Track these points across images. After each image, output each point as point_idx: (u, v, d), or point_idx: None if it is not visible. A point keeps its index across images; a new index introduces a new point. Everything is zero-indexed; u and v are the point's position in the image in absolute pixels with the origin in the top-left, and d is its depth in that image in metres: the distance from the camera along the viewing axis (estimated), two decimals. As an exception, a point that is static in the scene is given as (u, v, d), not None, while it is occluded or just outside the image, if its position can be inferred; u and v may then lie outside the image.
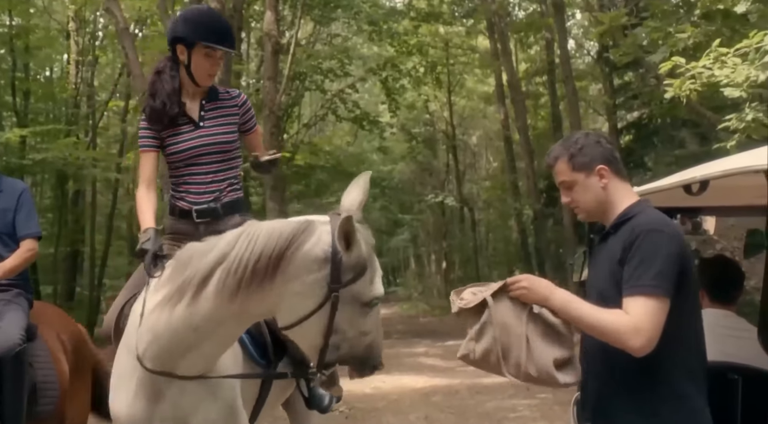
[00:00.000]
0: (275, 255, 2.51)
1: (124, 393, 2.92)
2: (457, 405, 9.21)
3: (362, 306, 2.63)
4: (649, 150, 19.38)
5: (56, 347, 4.12)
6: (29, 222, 4.14)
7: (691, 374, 2.59)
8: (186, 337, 2.68)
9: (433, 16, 22.04)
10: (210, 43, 3.38)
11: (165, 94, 3.42)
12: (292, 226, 2.59)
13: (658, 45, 9.35)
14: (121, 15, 14.31)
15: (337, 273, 2.53)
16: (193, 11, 3.92)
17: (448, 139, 30.85)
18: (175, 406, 2.85)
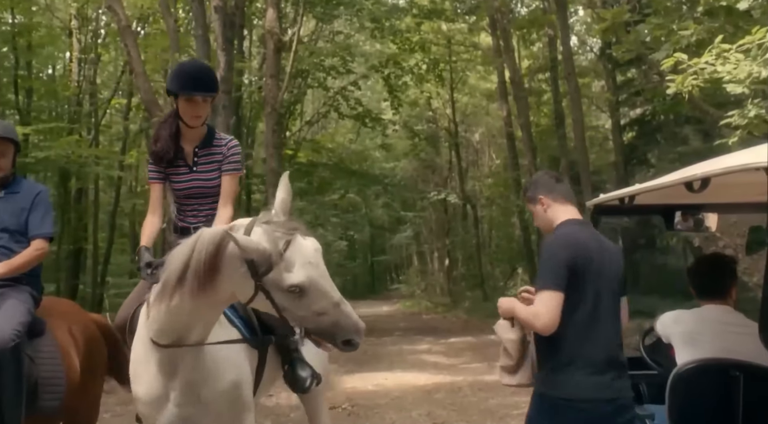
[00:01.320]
0: (210, 260, 3.03)
1: (144, 376, 3.43)
2: (459, 402, 9.20)
3: (287, 292, 2.97)
4: (652, 147, 19.32)
5: (67, 342, 4.17)
6: (42, 222, 4.23)
7: (578, 342, 3.25)
8: (179, 320, 3.22)
9: (436, 13, 22.01)
10: (185, 92, 3.95)
11: (164, 139, 4.06)
12: (219, 232, 3.06)
13: (660, 42, 9.30)
14: (123, 13, 14.29)
15: (253, 267, 2.97)
16: (178, 67, 4.46)
17: (451, 137, 30.80)
18: (187, 380, 3.36)
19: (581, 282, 3.25)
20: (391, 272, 55.89)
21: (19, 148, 4.38)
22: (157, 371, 3.37)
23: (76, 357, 4.17)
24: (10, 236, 4.17)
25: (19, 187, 4.30)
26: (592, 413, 3.26)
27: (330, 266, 12.22)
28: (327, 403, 4.24)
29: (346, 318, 3.01)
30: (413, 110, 29.64)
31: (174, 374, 3.36)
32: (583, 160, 18.55)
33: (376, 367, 12.64)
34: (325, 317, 2.99)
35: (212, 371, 3.41)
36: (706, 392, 3.58)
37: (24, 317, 3.91)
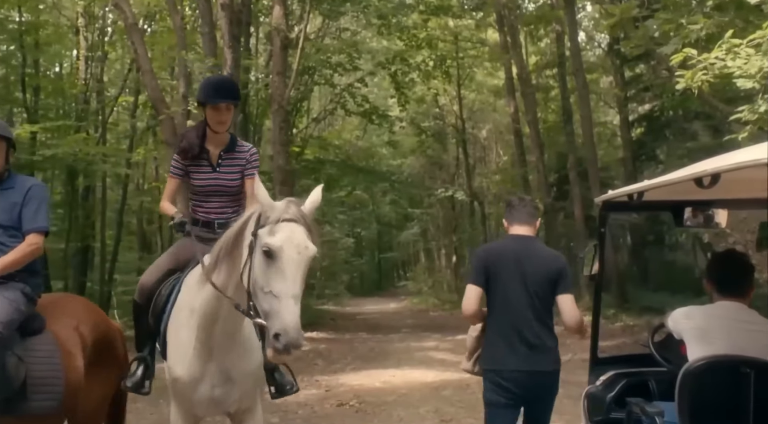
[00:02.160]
0: (237, 232, 3.60)
1: (184, 359, 3.88)
2: (467, 399, 9.15)
3: (262, 253, 3.28)
4: (661, 142, 19.26)
5: (70, 341, 4.09)
6: (35, 217, 4.13)
7: (497, 325, 4.39)
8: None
9: (443, 10, 21.91)
10: (210, 100, 4.47)
11: (191, 138, 4.57)
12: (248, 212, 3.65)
13: (669, 37, 9.24)
14: (130, 11, 14.31)
15: (257, 221, 3.41)
16: (205, 80, 4.98)
17: (458, 133, 30.72)
18: (221, 363, 3.86)
19: (494, 280, 4.36)
20: (398, 269, 55.86)
21: (13, 145, 4.29)
22: (196, 355, 3.84)
23: (80, 357, 4.10)
24: (4, 231, 4.09)
25: (12, 182, 4.21)
26: (511, 381, 4.26)
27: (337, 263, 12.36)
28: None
29: (287, 313, 3.11)
30: (420, 107, 29.55)
31: (210, 357, 3.84)
32: (591, 156, 18.49)
33: (383, 364, 12.63)
34: (273, 301, 3.17)
35: (242, 354, 3.91)
36: (717, 389, 3.55)
37: (7, 317, 3.81)
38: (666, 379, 4.15)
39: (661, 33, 9.73)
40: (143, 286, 4.37)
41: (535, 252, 4.46)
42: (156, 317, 4.19)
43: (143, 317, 4.33)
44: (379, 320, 23.44)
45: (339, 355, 13.86)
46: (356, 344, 15.97)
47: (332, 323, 21.04)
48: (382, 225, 45.06)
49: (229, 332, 3.83)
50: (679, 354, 4.07)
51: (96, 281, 21.12)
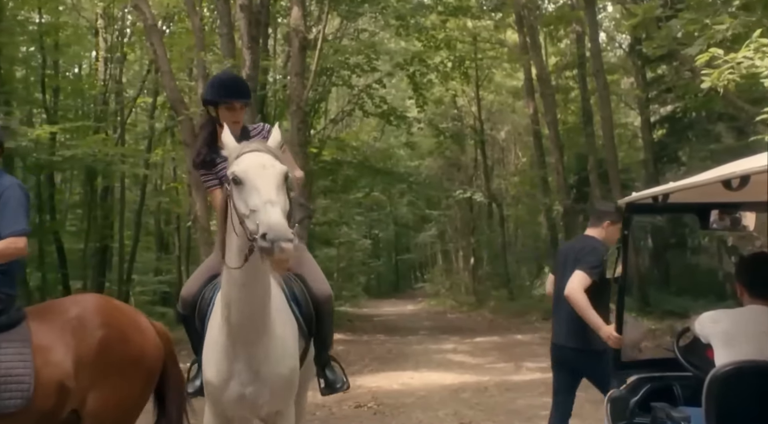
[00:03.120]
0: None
1: (212, 358, 3.83)
2: (486, 402, 9.09)
3: (233, 183, 3.35)
4: (684, 144, 19.09)
5: (52, 336, 3.91)
6: (13, 220, 3.96)
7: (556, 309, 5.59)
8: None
9: (461, 10, 21.83)
10: (225, 99, 4.33)
11: (202, 146, 4.44)
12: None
13: (693, 37, 9.10)
14: (149, 11, 14.34)
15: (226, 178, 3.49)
16: (214, 79, 4.81)
17: (476, 134, 30.60)
18: (248, 360, 3.76)
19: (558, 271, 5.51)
20: (416, 271, 55.80)
21: (1, 147, 4.20)
22: (225, 354, 3.76)
23: (67, 352, 3.90)
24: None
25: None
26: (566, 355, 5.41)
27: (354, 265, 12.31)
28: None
29: (266, 214, 3.14)
30: (438, 108, 29.48)
31: (237, 357, 3.75)
32: (612, 158, 18.34)
33: (401, 366, 12.58)
34: (254, 215, 3.19)
35: (272, 354, 3.79)
36: (745, 395, 3.47)
37: None
38: (692, 384, 4.07)
39: (685, 33, 9.59)
40: (184, 297, 4.30)
41: (576, 245, 5.55)
42: (202, 322, 4.15)
43: (191, 324, 4.28)
44: (396, 322, 23.41)
45: (356, 356, 13.83)
46: (374, 346, 15.93)
47: (349, 325, 21.02)
48: (400, 226, 45.02)
49: (248, 319, 3.66)
50: (705, 359, 4.02)
51: (114, 281, 21.22)
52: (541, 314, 21.15)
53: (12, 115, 15.44)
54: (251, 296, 3.61)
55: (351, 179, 24.66)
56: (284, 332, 3.87)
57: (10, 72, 18.30)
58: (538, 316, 20.93)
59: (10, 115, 15.29)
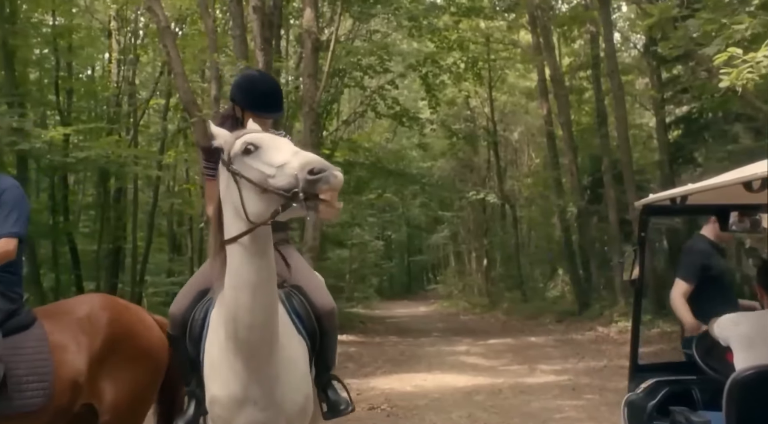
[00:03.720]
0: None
1: (219, 376, 3.42)
2: (500, 405, 9.03)
3: (245, 155, 3.13)
4: (700, 145, 18.92)
5: (66, 335, 4.00)
6: (6, 221, 3.96)
7: None
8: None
9: (474, 11, 21.74)
10: (258, 112, 3.90)
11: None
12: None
13: (711, 37, 8.98)
14: (162, 13, 14.36)
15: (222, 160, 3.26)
16: (245, 79, 4.26)
17: (489, 136, 30.51)
18: (261, 381, 3.37)
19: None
20: (428, 272, 55.69)
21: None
22: (235, 373, 3.37)
23: (79, 351, 3.99)
24: None
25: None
26: None
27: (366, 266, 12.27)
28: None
29: (301, 156, 2.98)
30: (451, 109, 29.42)
31: (248, 373, 3.36)
32: (627, 159, 18.21)
33: (414, 368, 12.54)
34: (289, 166, 2.95)
35: (286, 377, 3.44)
36: (767, 400, 3.39)
37: None
38: (711, 388, 4.05)
39: (702, 33, 9.46)
40: (173, 315, 3.84)
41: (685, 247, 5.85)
42: (195, 345, 3.70)
43: (181, 347, 3.81)
44: (409, 324, 23.37)
45: (369, 358, 13.80)
46: (386, 348, 15.89)
47: (362, 326, 20.98)
48: (412, 228, 44.95)
49: (259, 330, 3.28)
50: (724, 362, 4.02)
51: (127, 282, 21.26)
52: (555, 316, 21.08)
53: (26, 117, 15.43)
54: (262, 295, 3.24)
55: (363, 181, 24.61)
56: (295, 352, 3.54)
57: (24, 74, 18.36)
58: (552, 318, 20.86)
59: (24, 117, 15.29)
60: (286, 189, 2.93)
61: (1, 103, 15.77)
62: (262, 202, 3.06)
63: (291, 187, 2.92)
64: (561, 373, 11.36)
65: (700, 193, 3.81)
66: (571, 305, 22.42)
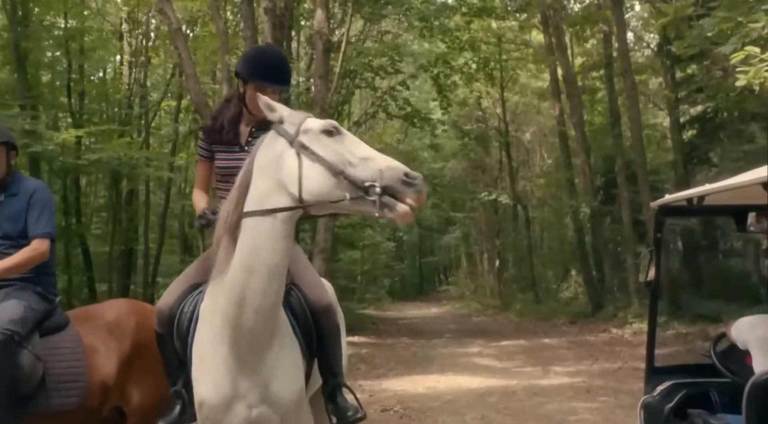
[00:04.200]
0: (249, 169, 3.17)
1: (211, 374, 3.20)
2: (514, 406, 8.95)
3: (327, 135, 3.04)
4: (715, 145, 18.79)
5: (98, 338, 4.08)
6: (39, 222, 4.08)
7: None
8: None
9: (486, 11, 21.68)
10: (260, 82, 3.76)
11: (226, 120, 3.86)
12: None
13: (726, 36, 8.87)
14: (174, 16, 14.34)
15: (284, 132, 3.12)
16: (252, 50, 4.29)
17: (501, 136, 30.46)
18: (255, 377, 3.19)
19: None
20: (440, 274, 55.63)
21: (14, 147, 4.24)
22: (227, 368, 3.18)
23: (110, 354, 4.07)
24: (13, 242, 4.07)
25: (17, 188, 4.17)
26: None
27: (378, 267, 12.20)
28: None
29: (391, 161, 2.96)
30: (462, 110, 29.37)
31: (243, 371, 3.18)
32: (641, 159, 18.09)
33: (427, 369, 12.47)
34: (376, 162, 2.94)
35: (280, 371, 3.25)
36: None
37: (17, 315, 3.81)
38: (729, 390, 3.99)
39: (718, 32, 9.34)
40: (160, 311, 3.58)
41: None
42: (182, 341, 3.47)
43: (168, 345, 3.58)
44: (421, 325, 23.28)
45: (382, 360, 13.74)
46: (399, 349, 15.83)
47: (374, 328, 20.93)
48: (424, 229, 44.88)
49: (266, 315, 3.13)
50: (743, 365, 3.95)
51: (139, 283, 21.30)
52: (568, 317, 20.96)
53: (38, 120, 15.51)
54: (277, 279, 3.10)
55: (375, 181, 24.56)
56: (288, 346, 3.34)
57: (36, 77, 18.41)
58: (565, 319, 20.74)
59: (36, 119, 15.36)
60: (363, 180, 2.87)
61: (13, 106, 15.86)
62: (329, 185, 2.95)
63: (371, 180, 2.87)
64: (575, 375, 11.27)
65: (716, 193, 3.74)
66: (585, 306, 22.31)
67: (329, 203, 2.99)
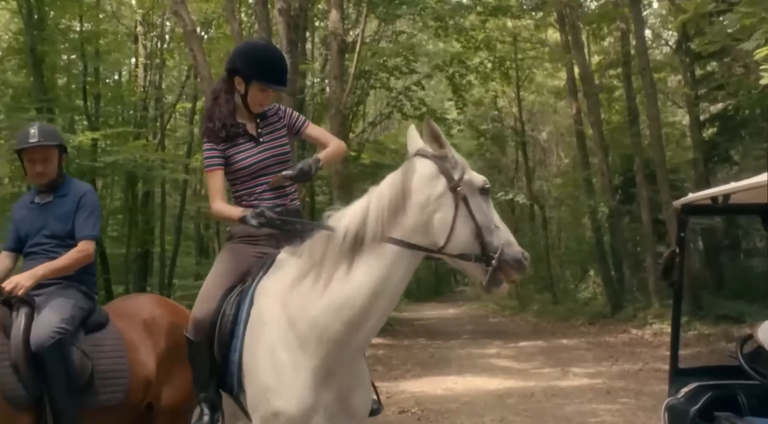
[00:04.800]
0: (400, 191, 3.04)
1: (291, 389, 3.09)
2: (533, 408, 8.83)
3: (481, 194, 3.08)
4: (736, 143, 18.56)
5: (136, 335, 4.20)
6: (86, 224, 4.22)
7: None
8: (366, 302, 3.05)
9: (501, 10, 21.58)
10: (266, 83, 3.71)
11: (223, 116, 3.73)
12: (398, 170, 3.15)
13: (749, 31, 8.67)
14: (189, 17, 14.35)
15: (448, 174, 3.04)
16: (252, 48, 4.10)
17: (517, 136, 30.32)
18: (339, 387, 3.15)
19: None
20: (456, 274, 55.39)
21: (65, 150, 4.38)
22: (313, 381, 3.09)
23: (147, 351, 4.20)
24: (60, 241, 4.20)
25: (67, 189, 4.32)
26: None
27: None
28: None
29: (510, 235, 3.09)
30: (478, 109, 29.27)
31: (328, 382, 3.12)
32: (660, 158, 17.88)
33: (444, 370, 12.36)
34: (501, 232, 3.05)
35: (362, 376, 3.31)
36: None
37: (68, 314, 3.92)
38: (758, 393, 3.91)
39: (740, 28, 9.13)
40: (199, 320, 3.48)
41: None
42: (223, 345, 3.38)
43: (202, 352, 3.48)
44: (438, 326, 23.16)
45: (399, 361, 13.65)
46: (416, 350, 15.73)
47: (390, 329, 20.80)
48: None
49: (367, 342, 3.24)
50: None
51: (156, 285, 21.33)
52: (587, 318, 20.76)
53: (55, 123, 15.54)
54: (393, 306, 3.19)
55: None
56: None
57: (52, 80, 18.48)
58: (584, 320, 20.54)
59: (52, 122, 15.38)
60: (494, 250, 2.98)
61: (30, 109, 15.94)
62: (469, 245, 3.01)
63: (495, 252, 2.97)
64: (594, 376, 11.11)
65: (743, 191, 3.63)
66: (603, 306, 22.09)
67: (458, 259, 3.07)
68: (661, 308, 16.92)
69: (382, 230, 3.03)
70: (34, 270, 4.02)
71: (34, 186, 4.45)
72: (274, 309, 3.23)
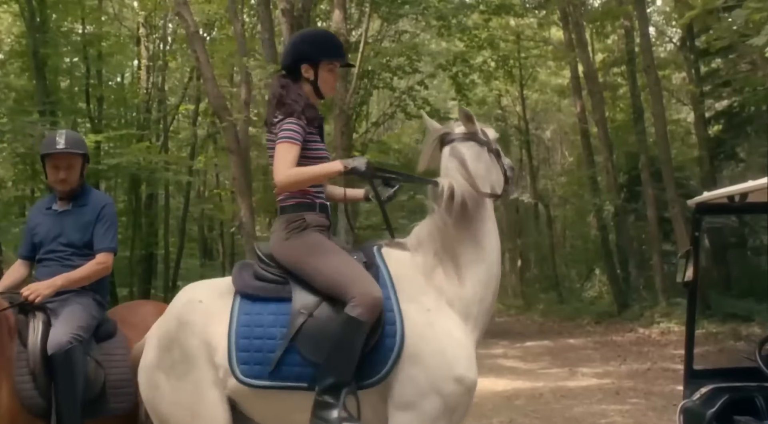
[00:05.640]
0: (461, 164, 3.60)
1: (472, 359, 3.32)
2: (542, 409, 8.75)
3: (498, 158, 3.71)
4: (742, 140, 18.41)
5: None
6: (105, 236, 4.26)
7: None
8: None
9: (504, 9, 21.44)
10: (337, 59, 3.70)
11: (303, 98, 3.55)
12: (449, 156, 3.65)
13: (758, 27, 8.58)
14: (191, 19, 14.31)
15: (485, 143, 3.68)
16: (310, 34, 3.95)
17: (521, 134, 30.27)
18: None
19: None
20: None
21: (87, 160, 4.39)
22: (474, 354, 3.43)
23: None
24: (76, 250, 4.22)
25: (86, 199, 4.34)
26: None
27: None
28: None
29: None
30: (482, 109, 29.11)
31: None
32: (665, 156, 17.77)
33: (450, 372, 12.25)
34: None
35: None
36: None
37: (84, 322, 3.95)
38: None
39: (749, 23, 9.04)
40: (377, 298, 3.19)
41: None
42: (377, 328, 3.22)
43: (361, 335, 3.16)
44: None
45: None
46: (421, 352, 15.63)
47: (396, 330, 20.72)
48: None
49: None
50: None
51: (160, 288, 21.32)
52: (593, 317, 20.67)
53: (58, 125, 15.52)
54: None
55: (394, 182, 24.43)
56: None
57: (54, 82, 18.50)
58: (590, 319, 20.45)
59: (55, 125, 15.38)
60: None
61: (33, 112, 15.92)
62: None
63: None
64: (603, 376, 11.03)
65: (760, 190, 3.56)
66: (610, 305, 22.00)
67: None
68: (668, 307, 16.82)
69: (477, 185, 3.45)
70: (53, 280, 4.02)
71: (50, 191, 4.51)
72: (428, 294, 3.34)
